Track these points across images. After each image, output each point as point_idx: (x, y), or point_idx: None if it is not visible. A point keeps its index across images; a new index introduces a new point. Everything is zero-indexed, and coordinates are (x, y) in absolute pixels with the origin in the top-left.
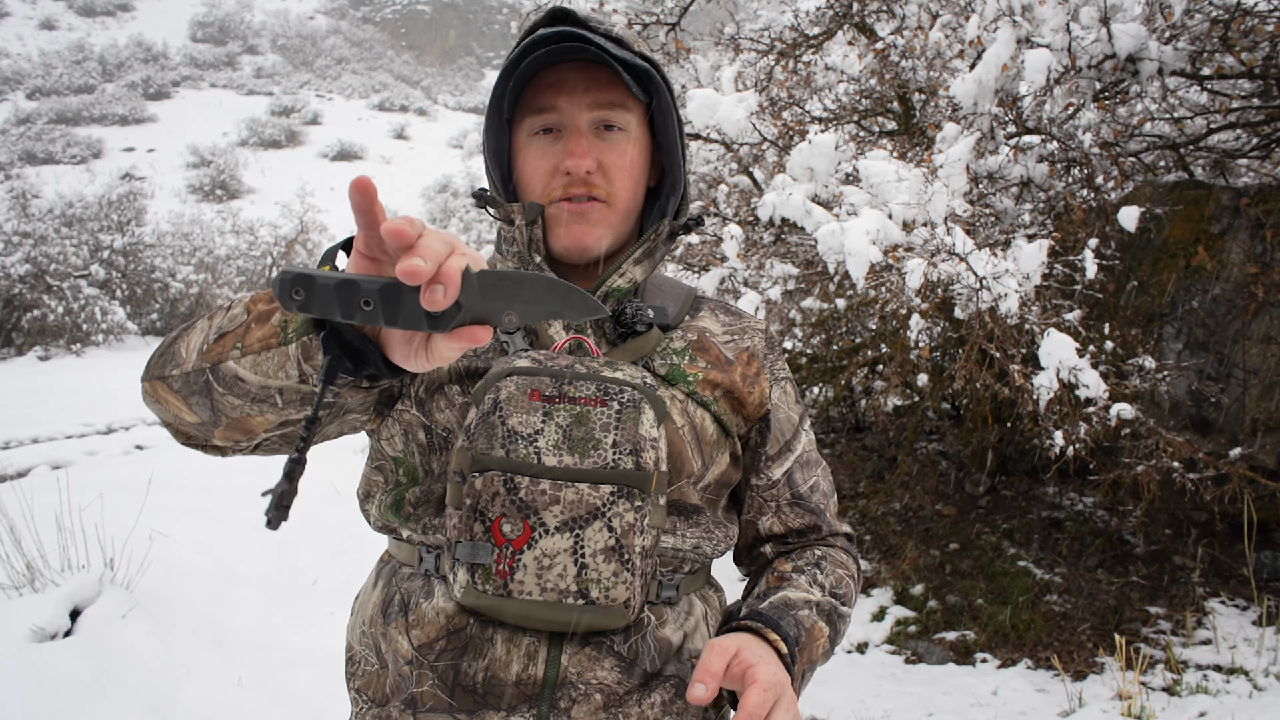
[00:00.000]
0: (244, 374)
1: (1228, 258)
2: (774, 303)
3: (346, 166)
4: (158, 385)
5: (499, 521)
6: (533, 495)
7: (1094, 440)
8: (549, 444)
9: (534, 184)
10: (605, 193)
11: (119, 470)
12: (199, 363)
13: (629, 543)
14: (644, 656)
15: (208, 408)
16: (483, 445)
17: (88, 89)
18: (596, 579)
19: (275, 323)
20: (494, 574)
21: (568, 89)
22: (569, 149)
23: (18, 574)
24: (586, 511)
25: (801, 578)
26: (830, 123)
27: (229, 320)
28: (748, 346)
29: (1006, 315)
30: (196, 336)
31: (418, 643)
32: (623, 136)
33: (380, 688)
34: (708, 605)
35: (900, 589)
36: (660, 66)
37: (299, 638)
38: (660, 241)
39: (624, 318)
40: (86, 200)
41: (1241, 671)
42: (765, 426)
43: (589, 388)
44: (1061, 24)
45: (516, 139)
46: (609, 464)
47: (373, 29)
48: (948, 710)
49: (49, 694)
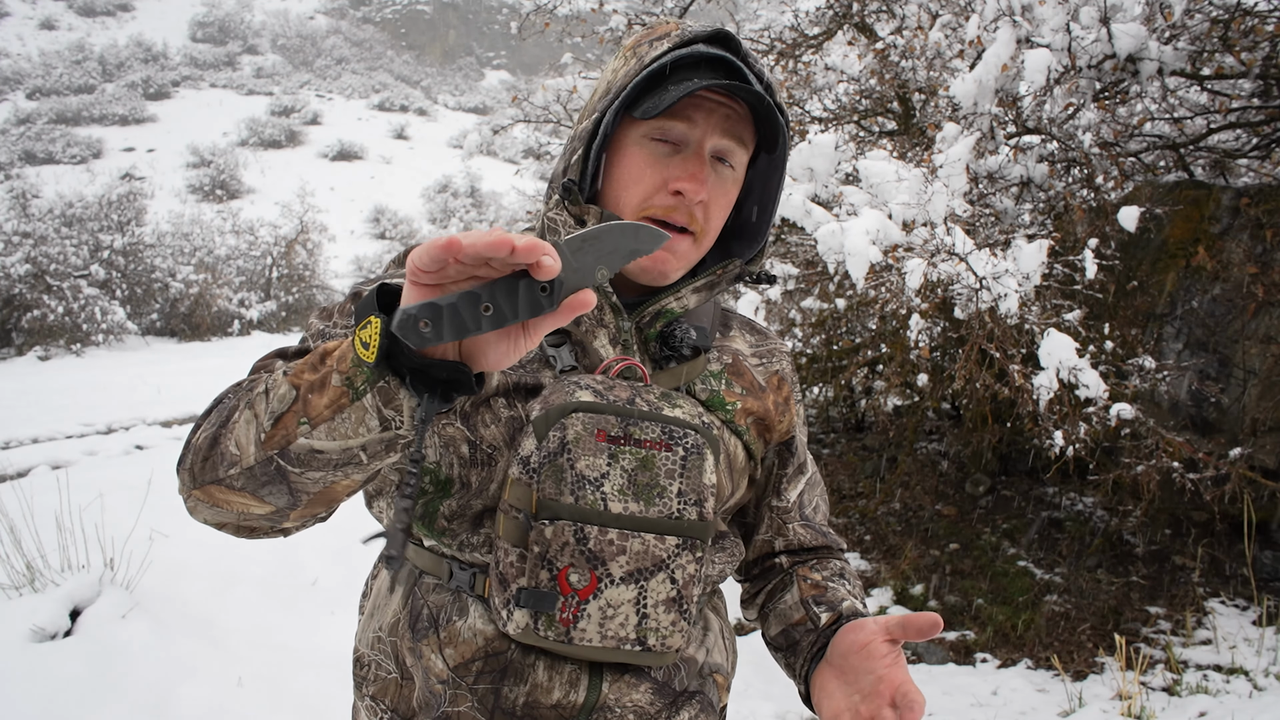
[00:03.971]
0: (320, 445)
1: (1228, 258)
2: (774, 303)
3: (346, 166)
4: (212, 490)
5: (566, 571)
6: (601, 545)
7: (1094, 440)
8: (614, 489)
9: (635, 190)
10: (700, 227)
11: (119, 470)
12: (261, 453)
13: (689, 593)
14: (676, 679)
15: (284, 493)
16: (550, 490)
17: (88, 89)
18: (656, 628)
19: (337, 384)
20: (557, 621)
21: (707, 109)
22: (690, 170)
23: (18, 574)
24: (652, 563)
25: (840, 589)
26: (830, 123)
27: (279, 402)
28: (777, 370)
29: (1006, 315)
30: (245, 429)
31: (453, 663)
32: (731, 175)
33: (402, 699)
34: (719, 617)
35: (900, 589)
36: (790, 123)
37: (299, 638)
38: (725, 279)
39: (672, 340)
40: (86, 200)
41: (1241, 671)
42: (788, 451)
43: (654, 430)
44: (1061, 24)
45: (623, 137)
46: (674, 514)
47: (373, 29)
48: (948, 710)
49: (49, 694)
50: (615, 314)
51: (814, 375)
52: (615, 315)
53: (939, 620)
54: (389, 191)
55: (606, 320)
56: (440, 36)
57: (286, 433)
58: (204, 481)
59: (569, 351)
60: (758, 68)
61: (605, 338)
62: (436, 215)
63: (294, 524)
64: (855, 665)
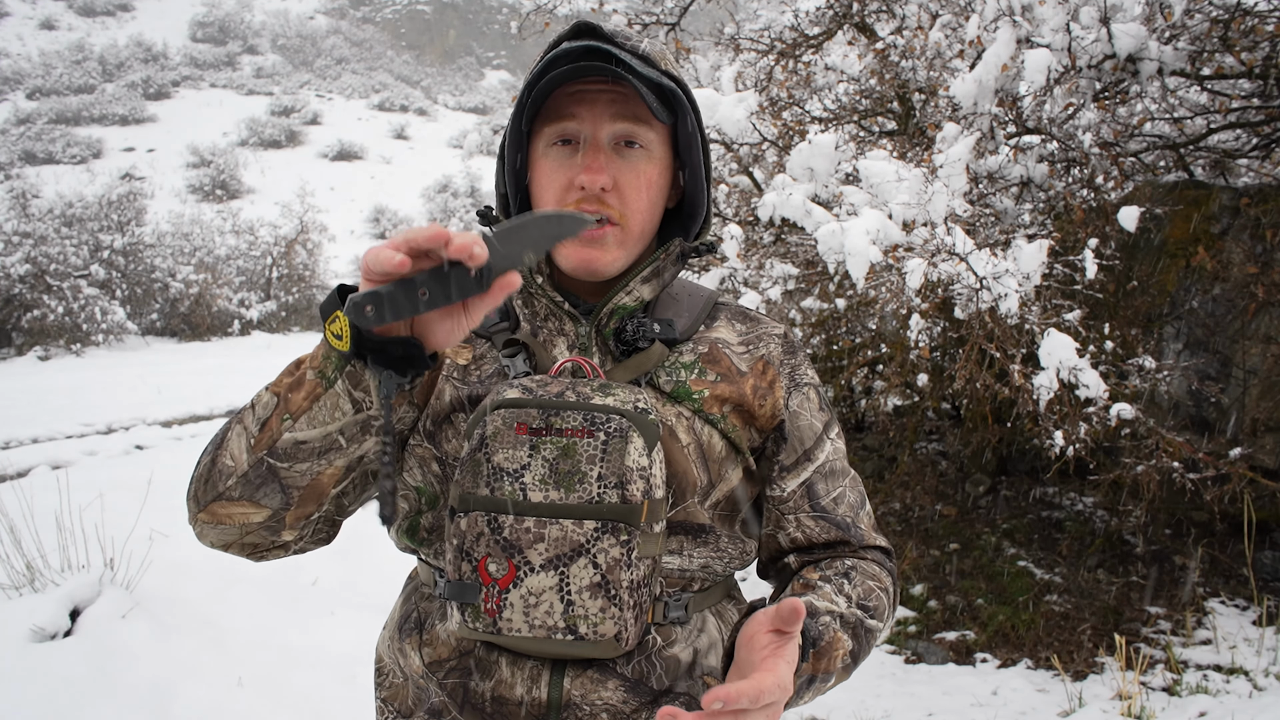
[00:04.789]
0: (302, 435)
1: (1228, 258)
2: (774, 303)
3: (346, 166)
4: (214, 507)
5: (485, 561)
6: (517, 534)
7: (1094, 440)
8: (535, 479)
9: (546, 196)
10: (618, 213)
11: (119, 470)
12: (253, 456)
13: (615, 578)
14: (651, 676)
15: (277, 491)
16: (468, 483)
17: (88, 89)
18: (584, 615)
19: (312, 378)
20: (483, 612)
21: (589, 100)
22: (585, 163)
23: (18, 574)
24: (571, 549)
25: (828, 586)
26: (830, 123)
27: (263, 409)
28: (763, 354)
29: (1006, 315)
30: (237, 441)
31: (428, 660)
32: (643, 154)
33: (404, 700)
34: (722, 620)
35: (900, 589)
36: (687, 86)
37: (299, 638)
38: (670, 261)
39: (625, 335)
40: (86, 200)
41: (1241, 671)
42: (780, 436)
43: (576, 418)
44: (1061, 24)
45: (534, 150)
46: (593, 498)
47: (373, 29)
48: (948, 710)
49: (49, 694)
50: (573, 321)
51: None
52: (573, 322)
53: (798, 606)
54: (389, 191)
55: (566, 329)
56: (440, 36)
57: (272, 432)
58: (206, 501)
59: (523, 360)
60: (630, 44)
61: (564, 345)
62: (436, 215)
63: (293, 530)
64: (741, 659)
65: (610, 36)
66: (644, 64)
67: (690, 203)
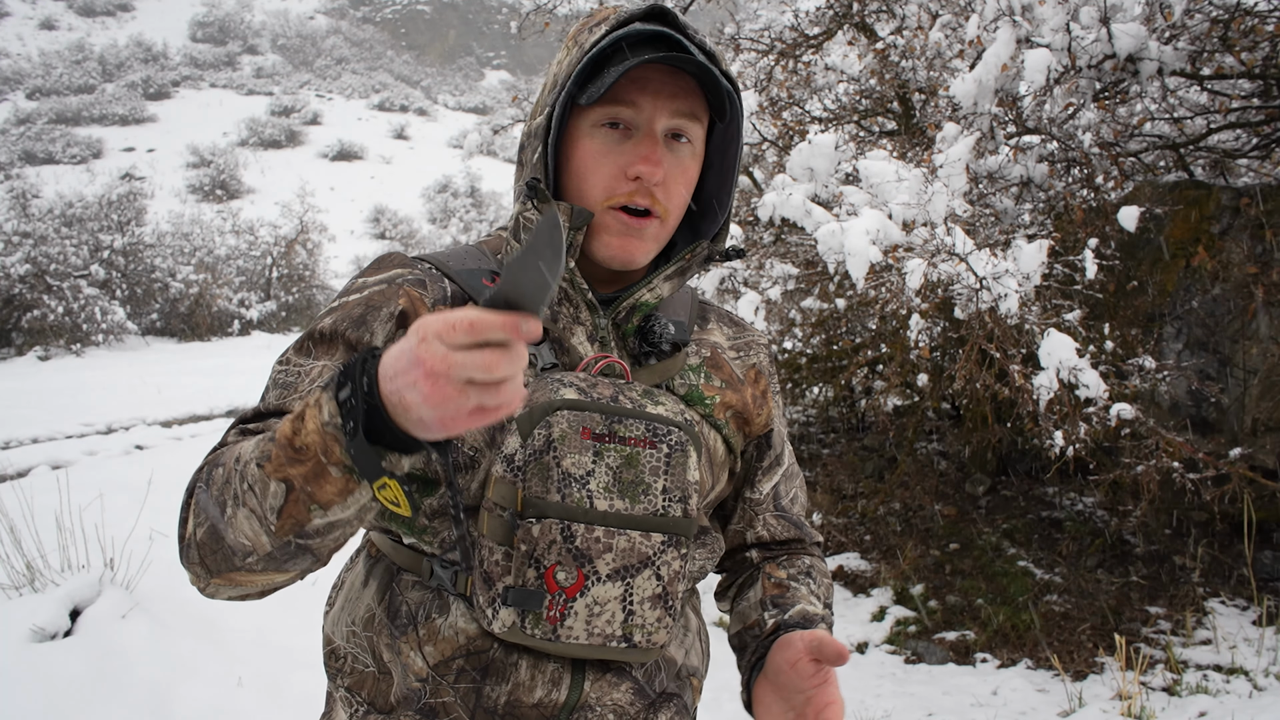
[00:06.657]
0: (335, 517)
1: (1228, 258)
2: (774, 303)
3: (346, 166)
4: (233, 575)
5: (554, 569)
6: (587, 543)
7: (1094, 440)
8: (600, 486)
9: (593, 180)
10: (663, 208)
11: (119, 470)
12: (277, 540)
13: (673, 589)
14: (656, 680)
15: (308, 558)
16: (537, 487)
17: (88, 89)
18: (641, 624)
19: (338, 475)
20: (544, 620)
21: (653, 89)
22: (643, 153)
23: (18, 574)
24: (638, 560)
25: (802, 589)
26: (830, 123)
27: (273, 498)
28: (754, 363)
29: (1006, 315)
30: (247, 523)
31: (433, 660)
32: (689, 150)
33: (380, 693)
34: (698, 617)
35: (900, 589)
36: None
37: (299, 638)
38: (695, 263)
39: (651, 336)
40: (86, 200)
41: (1241, 671)
42: (766, 443)
43: (639, 427)
44: (1061, 24)
45: (575, 128)
46: (659, 510)
47: (373, 29)
48: (948, 710)
49: (49, 694)
50: (591, 311)
51: (814, 375)
52: (591, 312)
53: (844, 652)
54: (389, 191)
55: (583, 317)
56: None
57: (296, 521)
58: (222, 570)
59: (549, 349)
60: (698, 39)
61: (583, 334)
62: (436, 215)
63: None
64: (786, 683)
65: (684, 28)
66: (709, 60)
67: (711, 204)
